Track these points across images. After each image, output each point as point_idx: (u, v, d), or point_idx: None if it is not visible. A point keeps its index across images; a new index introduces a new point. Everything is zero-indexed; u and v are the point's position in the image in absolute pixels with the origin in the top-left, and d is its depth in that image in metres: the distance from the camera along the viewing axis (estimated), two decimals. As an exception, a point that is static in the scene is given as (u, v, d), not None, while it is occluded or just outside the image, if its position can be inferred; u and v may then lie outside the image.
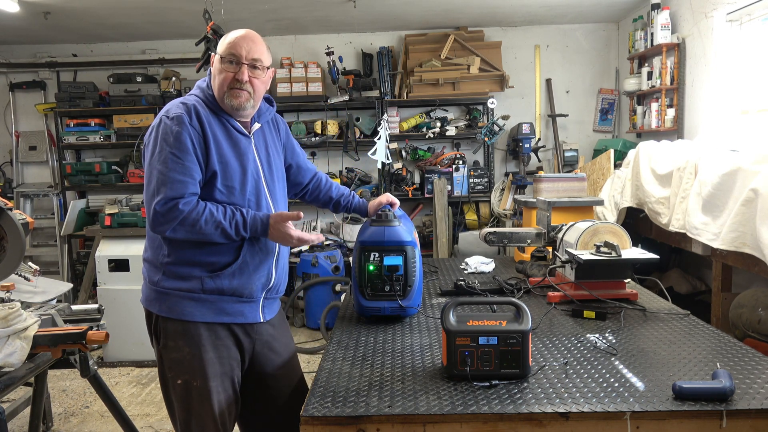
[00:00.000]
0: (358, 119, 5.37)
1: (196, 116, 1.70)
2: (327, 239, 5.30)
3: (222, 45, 1.76)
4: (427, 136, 5.36)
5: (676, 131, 4.40)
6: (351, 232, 5.28)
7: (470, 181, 5.40)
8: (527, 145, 5.14)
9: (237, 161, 1.75)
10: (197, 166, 1.68)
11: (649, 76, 4.66)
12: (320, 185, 2.18)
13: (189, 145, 1.66)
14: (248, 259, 1.76)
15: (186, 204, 1.65)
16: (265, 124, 1.92)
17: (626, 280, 2.17)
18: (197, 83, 1.84)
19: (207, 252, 1.73)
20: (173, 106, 1.72)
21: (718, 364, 1.50)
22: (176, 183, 1.65)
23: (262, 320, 1.86)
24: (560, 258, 2.21)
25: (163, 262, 1.74)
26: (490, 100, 5.21)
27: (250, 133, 1.83)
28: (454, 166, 5.36)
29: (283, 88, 5.23)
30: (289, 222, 1.74)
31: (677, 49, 4.36)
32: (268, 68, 1.81)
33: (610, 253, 2.00)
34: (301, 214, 1.77)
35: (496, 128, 5.07)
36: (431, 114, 5.50)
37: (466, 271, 2.70)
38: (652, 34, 4.54)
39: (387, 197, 2.15)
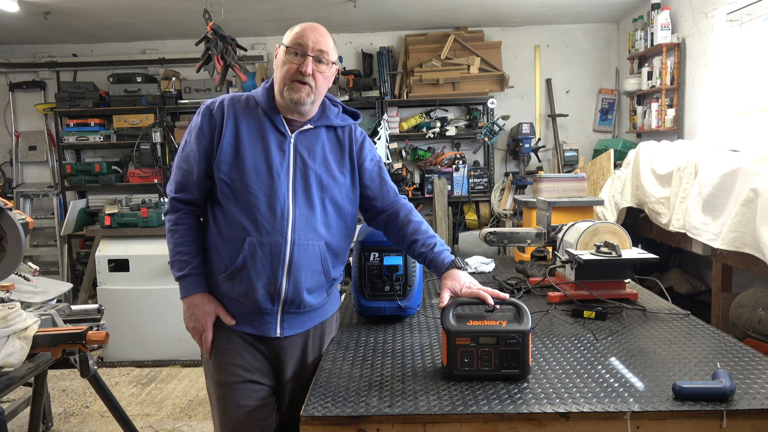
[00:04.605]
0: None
1: (219, 107, 1.67)
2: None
3: (288, 36, 1.64)
4: (427, 136, 5.36)
5: (676, 131, 4.40)
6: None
7: (470, 181, 5.40)
8: (527, 145, 5.14)
9: (257, 155, 1.64)
10: (202, 159, 1.67)
11: (649, 76, 4.66)
12: (397, 220, 1.78)
13: (198, 136, 1.68)
14: (249, 263, 1.62)
15: (168, 213, 1.75)
16: (325, 129, 1.73)
17: (626, 280, 2.17)
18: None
19: (213, 252, 1.71)
20: (213, 98, 1.74)
21: (718, 364, 1.49)
22: (174, 184, 1.73)
23: (279, 335, 1.69)
24: (560, 258, 2.21)
25: None
26: (490, 100, 5.21)
27: (292, 133, 1.68)
28: (454, 166, 5.36)
29: (283, 88, 5.23)
30: (210, 318, 1.68)
31: (677, 49, 4.36)
32: (333, 64, 1.68)
33: (610, 253, 2.00)
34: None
35: (496, 128, 5.07)
36: (431, 114, 5.50)
37: (466, 271, 2.70)
38: (652, 34, 4.54)
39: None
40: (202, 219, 1.78)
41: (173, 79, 5.43)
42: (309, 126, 1.70)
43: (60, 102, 5.40)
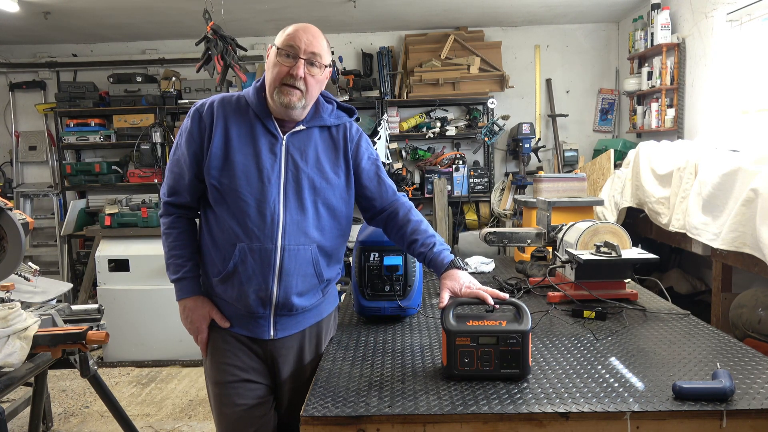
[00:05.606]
0: (358, 119, 5.37)
1: (209, 109, 1.65)
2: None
3: (280, 36, 1.60)
4: (427, 136, 5.36)
5: (676, 131, 4.40)
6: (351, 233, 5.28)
7: (470, 181, 5.39)
8: (527, 145, 5.14)
9: (247, 159, 1.61)
10: (192, 163, 1.65)
11: (649, 76, 4.66)
12: (396, 219, 1.76)
13: (187, 140, 1.66)
14: (240, 268, 1.61)
15: (162, 216, 1.76)
16: (318, 130, 1.70)
17: (626, 280, 2.17)
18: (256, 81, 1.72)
19: (207, 255, 1.71)
20: (203, 100, 1.72)
21: (718, 364, 1.49)
22: (166, 187, 1.73)
23: (272, 337, 1.68)
24: (560, 258, 2.21)
25: None
26: (490, 100, 5.21)
27: (284, 134, 1.65)
28: (454, 166, 5.36)
29: (283, 88, 5.23)
30: (205, 321, 1.70)
31: (677, 49, 4.36)
32: (326, 67, 1.64)
33: (610, 253, 2.00)
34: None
35: (496, 128, 5.07)
36: (431, 114, 5.50)
37: (465, 271, 2.70)
38: (652, 34, 4.54)
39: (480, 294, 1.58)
40: (198, 220, 1.78)
41: (173, 79, 5.43)
42: (301, 127, 1.67)
43: (60, 102, 5.40)
